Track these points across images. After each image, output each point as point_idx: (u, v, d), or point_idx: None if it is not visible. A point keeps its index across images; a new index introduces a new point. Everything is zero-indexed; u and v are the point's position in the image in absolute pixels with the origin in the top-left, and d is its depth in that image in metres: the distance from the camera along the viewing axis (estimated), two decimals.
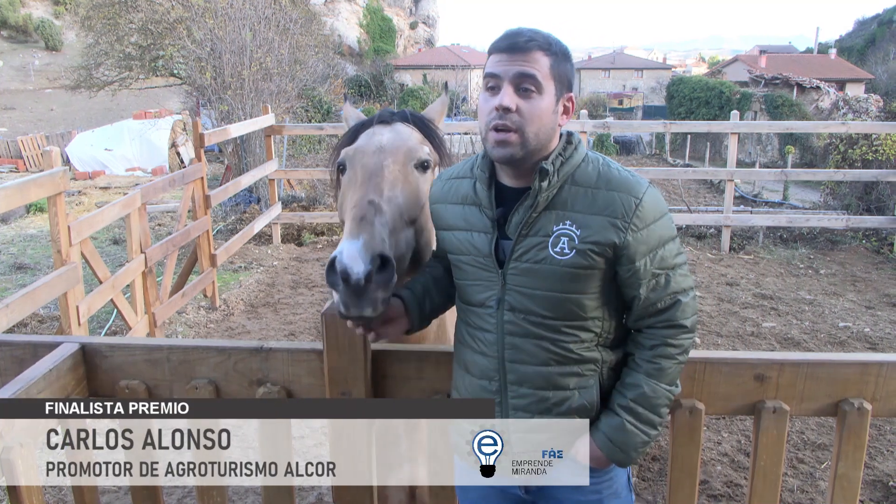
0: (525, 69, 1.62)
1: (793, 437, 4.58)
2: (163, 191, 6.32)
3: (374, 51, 44.75)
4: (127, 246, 5.64)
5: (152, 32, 15.63)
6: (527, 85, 1.62)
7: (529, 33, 1.65)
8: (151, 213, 11.37)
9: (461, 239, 1.76)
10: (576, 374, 1.71)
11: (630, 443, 1.71)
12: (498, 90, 1.64)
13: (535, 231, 1.66)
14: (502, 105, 1.62)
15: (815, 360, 1.94)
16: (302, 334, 6.52)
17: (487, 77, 1.67)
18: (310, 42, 15.85)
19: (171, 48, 15.08)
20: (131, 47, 16.99)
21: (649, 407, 1.70)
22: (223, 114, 11.77)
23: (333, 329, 1.87)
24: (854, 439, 1.92)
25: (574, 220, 1.64)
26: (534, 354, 1.69)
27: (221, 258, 7.49)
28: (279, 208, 9.75)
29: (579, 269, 1.63)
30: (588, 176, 1.68)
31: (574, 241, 1.62)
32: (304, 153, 20.70)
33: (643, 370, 1.71)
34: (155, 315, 5.84)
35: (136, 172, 19.65)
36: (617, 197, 1.63)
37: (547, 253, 1.64)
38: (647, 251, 1.65)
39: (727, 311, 7.03)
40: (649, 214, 1.65)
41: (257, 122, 9.40)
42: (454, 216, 1.79)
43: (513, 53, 1.63)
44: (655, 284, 1.67)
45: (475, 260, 1.73)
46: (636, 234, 1.63)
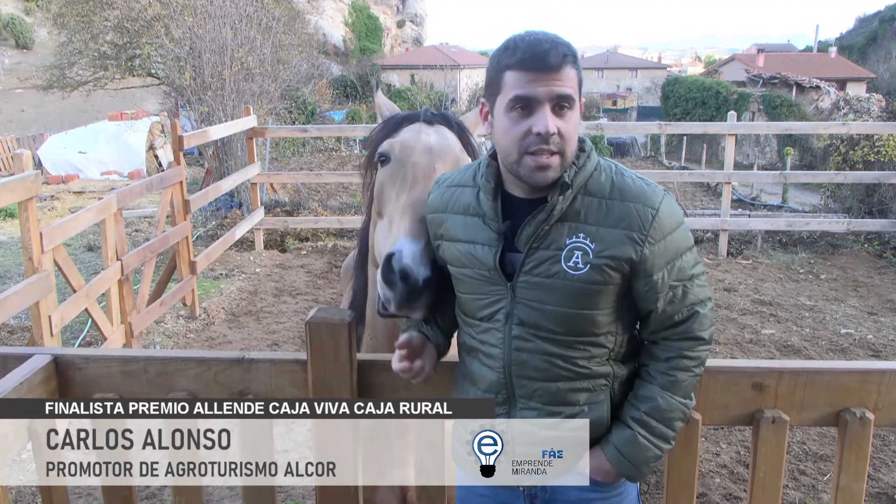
0: (564, 90, 1.57)
1: (794, 448, 4.61)
2: (140, 195, 6.30)
3: (360, 50, 44.78)
4: (102, 253, 5.61)
5: (128, 30, 15.55)
6: (563, 104, 1.58)
7: (557, 47, 1.57)
8: (128, 218, 11.31)
9: (463, 251, 1.73)
10: (586, 390, 1.70)
11: (641, 457, 1.69)
12: (530, 111, 1.58)
13: (548, 244, 1.63)
14: (547, 132, 1.55)
15: (815, 367, 1.94)
16: (285, 344, 6.49)
17: (517, 100, 1.58)
18: (293, 41, 15.83)
19: (148, 47, 15.00)
20: (106, 46, 16.89)
21: (663, 420, 1.69)
22: (203, 115, 11.73)
23: (318, 338, 1.86)
24: (856, 450, 1.93)
25: (588, 233, 1.61)
26: (543, 370, 1.68)
27: (201, 265, 7.46)
28: (262, 213, 9.73)
29: (593, 285, 1.60)
30: (601, 186, 1.65)
31: (588, 256, 1.59)
32: (288, 156, 20.71)
33: (658, 382, 1.69)
34: (132, 325, 5.80)
35: (111, 176, 19.55)
36: (633, 209, 1.61)
37: (560, 267, 1.60)
38: (665, 263, 1.63)
39: (725, 318, 7.06)
40: (667, 225, 1.63)
41: (239, 124, 9.39)
42: (455, 227, 1.75)
43: (546, 73, 1.56)
44: (673, 297, 1.65)
45: (479, 273, 1.70)
46: (653, 246, 1.60)
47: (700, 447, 1.97)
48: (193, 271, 7.14)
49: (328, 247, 9.86)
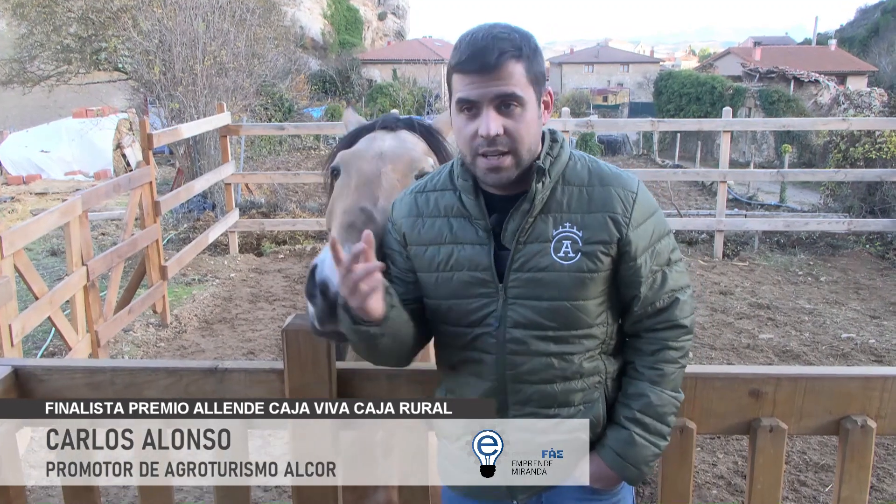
0: (503, 89, 1.59)
1: (794, 458, 4.64)
2: (107, 196, 6.26)
3: (340, 44, 44.66)
4: (66, 258, 5.56)
5: (94, 22, 15.46)
6: (508, 102, 1.60)
7: (496, 44, 1.58)
8: (94, 221, 11.23)
9: (448, 253, 1.73)
10: (581, 390, 1.74)
11: (640, 456, 1.74)
12: (476, 113, 1.62)
13: (535, 237, 1.68)
14: (488, 134, 1.59)
15: (813, 374, 1.96)
16: (262, 353, 6.47)
17: (461, 102, 1.62)
18: (269, 34, 15.81)
19: (114, 40, 14.91)
20: (70, 38, 16.78)
21: (657, 416, 1.74)
22: (174, 112, 11.66)
23: (295, 346, 1.86)
24: (858, 459, 1.95)
25: (573, 222, 1.67)
26: (538, 372, 1.71)
27: (172, 270, 7.42)
28: (236, 215, 9.70)
29: (585, 273, 1.66)
30: (579, 174, 1.72)
31: (578, 244, 1.66)
32: (264, 155, 20.61)
33: (646, 377, 1.75)
34: (98, 333, 5.76)
35: (76, 176, 19.37)
36: (614, 192, 1.70)
37: (550, 259, 1.66)
38: (646, 247, 1.71)
39: (721, 323, 7.10)
40: (646, 209, 1.72)
41: (212, 122, 9.35)
42: (434, 230, 1.76)
43: (484, 73, 1.59)
44: (653, 282, 1.73)
45: (470, 276, 1.71)
46: (636, 230, 1.69)
47: (696, 457, 1.98)
48: (164, 276, 7.10)
49: (307, 250, 9.83)
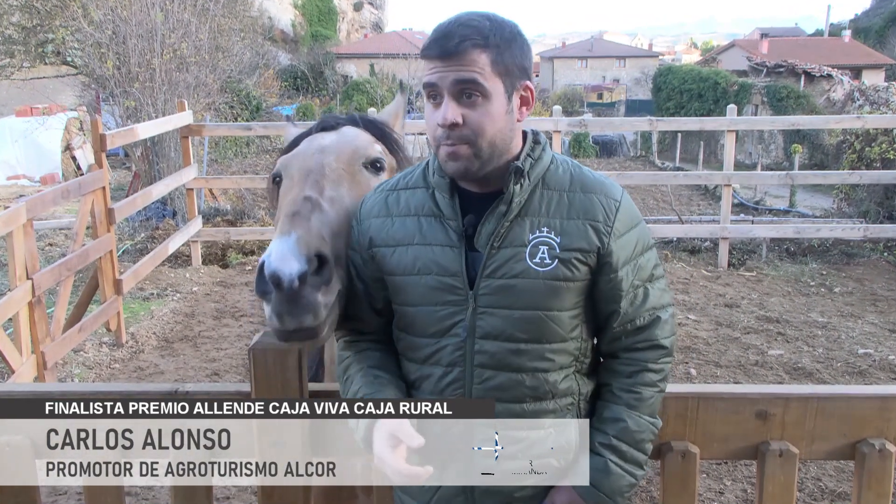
0: (462, 74, 1.66)
1: (808, 486, 4.66)
2: (54, 203, 6.22)
3: (312, 36, 44.66)
4: (9, 271, 5.52)
5: (39, 11, 15.35)
6: (469, 91, 1.66)
7: (459, 30, 1.66)
8: (40, 230, 11.15)
9: (418, 255, 1.75)
10: (552, 411, 1.75)
11: (616, 486, 1.75)
12: (440, 102, 1.69)
13: (510, 242, 1.70)
14: (446, 122, 1.65)
15: (825, 393, 1.97)
16: (227, 374, 6.44)
17: (426, 87, 1.71)
18: (234, 25, 15.80)
19: (62, 30, 14.80)
20: (12, 29, 16.66)
21: (633, 443, 1.76)
22: (129, 110, 11.63)
23: (263, 366, 1.86)
24: (876, 486, 1.95)
25: (551, 227, 1.70)
26: (507, 389, 1.72)
27: (128, 284, 7.38)
28: (199, 223, 9.66)
29: (560, 281, 1.69)
30: (560, 179, 1.76)
31: (555, 250, 1.69)
32: (230, 157, 20.56)
33: (623, 401, 1.77)
34: (45, 354, 5.71)
35: (20, 181, 19.23)
36: (596, 200, 1.73)
37: (525, 265, 1.69)
38: (629, 259, 1.74)
39: (726, 338, 7.13)
40: (629, 219, 1.76)
41: (171, 121, 9.34)
42: (403, 229, 1.78)
43: (445, 59, 1.66)
44: (634, 298, 1.75)
45: (437, 280, 1.73)
46: (618, 240, 1.72)
47: (700, 484, 1.99)
48: (119, 291, 7.06)
49: None
